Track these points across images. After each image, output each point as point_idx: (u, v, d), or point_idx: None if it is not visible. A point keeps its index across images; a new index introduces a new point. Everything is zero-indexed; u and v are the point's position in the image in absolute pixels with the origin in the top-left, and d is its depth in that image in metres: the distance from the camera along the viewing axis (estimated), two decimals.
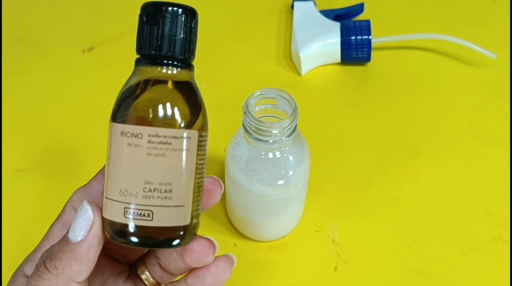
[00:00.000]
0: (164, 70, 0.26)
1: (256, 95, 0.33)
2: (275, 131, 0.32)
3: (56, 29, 0.60)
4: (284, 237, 0.41)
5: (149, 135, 0.24)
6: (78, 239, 0.24)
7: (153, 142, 0.24)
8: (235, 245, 0.41)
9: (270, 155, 0.34)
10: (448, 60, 0.55)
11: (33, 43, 0.58)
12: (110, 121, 0.25)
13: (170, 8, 0.25)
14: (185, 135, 0.25)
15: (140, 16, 0.27)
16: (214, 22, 0.59)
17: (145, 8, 0.27)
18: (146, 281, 0.30)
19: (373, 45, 0.52)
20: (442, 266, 0.39)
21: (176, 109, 0.25)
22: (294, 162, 0.35)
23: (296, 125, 0.33)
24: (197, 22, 0.26)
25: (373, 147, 0.47)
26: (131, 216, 0.24)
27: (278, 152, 0.34)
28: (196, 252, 0.27)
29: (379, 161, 0.46)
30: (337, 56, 0.53)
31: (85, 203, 0.25)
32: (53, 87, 0.54)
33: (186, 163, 0.25)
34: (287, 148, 0.34)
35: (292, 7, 0.57)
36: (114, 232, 0.25)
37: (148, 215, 0.24)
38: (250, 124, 0.32)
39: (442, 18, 0.60)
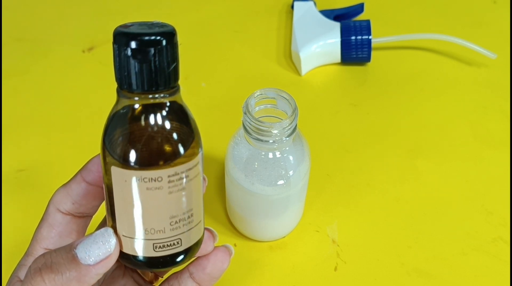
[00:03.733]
0: (161, 105, 0.24)
1: (256, 95, 0.33)
2: (275, 131, 0.32)
3: (56, 29, 0.60)
4: (284, 237, 0.41)
5: (168, 176, 0.24)
6: (89, 262, 0.24)
7: (173, 181, 0.24)
8: (235, 245, 0.41)
9: (270, 155, 0.34)
10: (448, 60, 0.55)
11: (33, 43, 0.58)
12: (112, 164, 0.24)
13: (156, 39, 0.23)
14: (196, 161, 0.25)
15: (119, 48, 0.24)
16: (214, 22, 0.59)
17: (126, 41, 0.24)
18: (144, 274, 0.31)
19: (373, 45, 0.52)
20: (442, 266, 0.39)
21: (186, 142, 0.24)
22: (294, 162, 0.35)
23: (296, 125, 0.33)
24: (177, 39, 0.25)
25: (373, 147, 0.47)
26: (161, 249, 0.25)
27: (278, 152, 0.34)
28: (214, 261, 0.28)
29: (379, 161, 0.46)
30: (337, 56, 0.53)
31: (110, 231, 0.24)
32: (53, 87, 0.54)
33: (200, 184, 0.26)
34: (287, 148, 0.34)
35: (292, 7, 0.57)
36: (143, 264, 0.25)
37: (177, 243, 0.25)
38: (250, 124, 0.32)
39: (442, 18, 0.60)
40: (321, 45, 0.52)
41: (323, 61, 0.54)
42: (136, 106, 0.24)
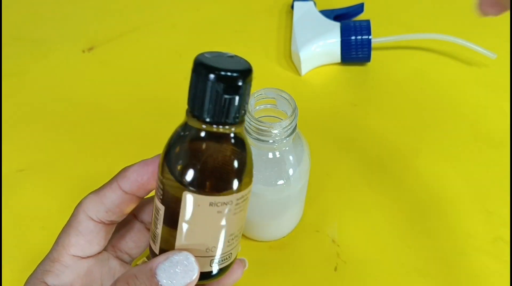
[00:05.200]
0: (232, 135, 0.25)
1: (256, 95, 0.33)
2: (275, 131, 0.32)
3: (56, 29, 0.60)
4: (284, 237, 0.41)
5: (237, 199, 0.25)
6: None
7: (239, 203, 0.26)
8: None
9: (270, 155, 0.34)
10: (448, 60, 0.55)
11: (33, 43, 0.58)
12: (184, 190, 0.24)
13: (238, 76, 0.24)
14: (252, 184, 0.27)
15: (200, 78, 0.24)
16: (214, 22, 0.59)
17: (206, 73, 0.23)
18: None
19: (373, 45, 0.52)
20: (442, 266, 0.39)
21: (251, 168, 0.26)
22: (294, 162, 0.35)
23: (296, 125, 0.33)
24: None
25: (373, 147, 0.47)
26: (216, 264, 0.26)
27: (278, 152, 0.34)
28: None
29: (379, 161, 0.46)
30: (337, 56, 0.53)
31: (192, 260, 0.24)
32: (53, 87, 0.54)
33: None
34: (287, 148, 0.34)
35: (292, 7, 0.57)
36: (201, 278, 0.26)
37: (229, 257, 0.27)
38: (250, 124, 0.32)
39: (442, 18, 0.60)
40: (321, 45, 0.52)
41: (323, 61, 0.54)
42: (211, 134, 0.24)
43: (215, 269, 0.27)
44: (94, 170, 0.46)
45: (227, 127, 0.24)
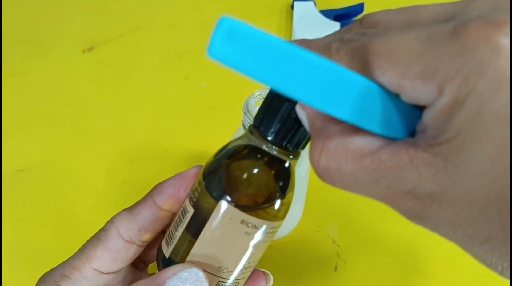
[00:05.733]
0: (287, 164, 0.24)
1: (256, 95, 0.33)
2: None
3: (56, 29, 0.60)
4: (284, 237, 0.41)
5: (266, 227, 0.25)
6: None
7: (267, 232, 0.25)
8: None
9: None
10: None
11: (33, 43, 0.58)
12: (222, 198, 0.24)
13: None
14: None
15: (281, 98, 0.22)
16: (214, 22, 0.59)
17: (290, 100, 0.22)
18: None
19: None
20: (442, 266, 0.39)
21: (290, 203, 0.26)
22: None
23: None
24: None
25: None
26: None
27: None
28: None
29: None
30: None
31: (201, 276, 0.24)
32: (53, 87, 0.54)
33: None
34: None
35: (292, 7, 0.57)
36: None
37: (236, 285, 0.26)
38: (250, 124, 0.32)
39: None
40: None
41: None
42: (269, 155, 0.24)
43: None
44: (94, 170, 0.46)
45: (287, 152, 0.24)
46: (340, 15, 0.56)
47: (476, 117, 0.14)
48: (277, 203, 0.25)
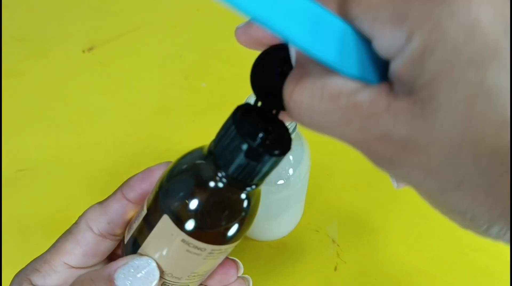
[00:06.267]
0: (244, 195, 0.24)
1: None
2: None
3: (56, 29, 0.60)
4: (284, 237, 0.41)
5: (212, 250, 0.24)
6: None
7: (213, 253, 0.24)
8: None
9: None
10: None
11: (33, 43, 0.58)
12: (167, 213, 0.23)
13: (274, 154, 0.22)
14: (237, 243, 0.25)
15: (236, 137, 0.22)
16: (214, 22, 0.59)
17: (243, 138, 0.21)
18: None
19: None
20: (442, 266, 0.39)
21: (243, 231, 0.25)
22: (294, 162, 0.35)
23: (296, 125, 0.33)
24: None
25: None
26: None
27: None
28: (220, 273, 0.28)
29: None
30: None
31: (154, 266, 0.24)
32: (53, 87, 0.54)
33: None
34: None
35: None
36: None
37: None
38: None
39: None
40: None
41: None
42: (223, 185, 0.23)
43: None
44: (94, 170, 0.46)
45: (239, 185, 0.23)
46: None
47: (450, 62, 0.14)
48: (223, 232, 0.24)
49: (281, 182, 0.35)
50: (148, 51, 0.57)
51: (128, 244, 0.26)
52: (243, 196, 0.24)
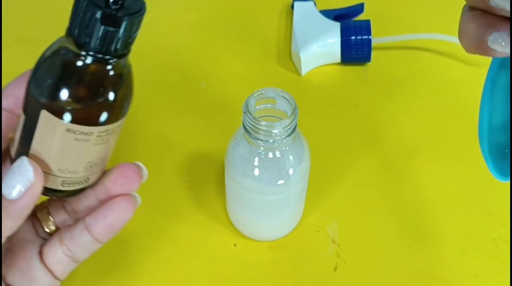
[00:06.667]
0: (111, 67, 0.24)
1: (256, 94, 0.33)
2: (275, 131, 0.32)
3: (56, 29, 0.59)
4: (284, 237, 0.41)
5: (99, 132, 0.25)
6: (13, 196, 0.23)
7: (101, 136, 0.25)
8: (235, 245, 0.41)
9: (270, 154, 0.34)
10: (448, 60, 0.55)
11: (33, 43, 0.58)
12: (43, 107, 0.24)
13: (126, 15, 0.23)
14: (124, 120, 0.26)
15: (92, 10, 0.23)
16: (214, 22, 0.59)
17: (94, 6, 0.23)
18: (46, 226, 0.30)
19: (373, 45, 0.52)
20: (442, 266, 0.39)
21: (123, 104, 0.26)
22: (294, 162, 0.35)
23: (296, 124, 0.33)
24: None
25: (373, 147, 0.47)
26: (68, 186, 0.26)
27: (278, 152, 0.34)
28: (124, 176, 0.28)
29: (379, 161, 0.46)
30: (337, 56, 0.53)
31: (26, 161, 0.24)
32: None
33: (118, 136, 0.27)
34: (287, 148, 0.34)
35: (292, 7, 0.57)
36: (48, 193, 0.26)
37: (85, 181, 0.27)
38: (250, 123, 0.32)
39: (442, 18, 0.60)
40: (321, 45, 0.52)
41: (323, 61, 0.54)
42: (88, 61, 0.24)
43: (66, 188, 0.26)
44: None
45: (105, 57, 0.24)
46: (340, 15, 0.56)
47: None
48: (103, 109, 0.24)
49: (281, 182, 0.35)
50: (148, 51, 0.57)
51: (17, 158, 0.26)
52: (110, 68, 0.24)
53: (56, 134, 0.24)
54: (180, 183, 0.44)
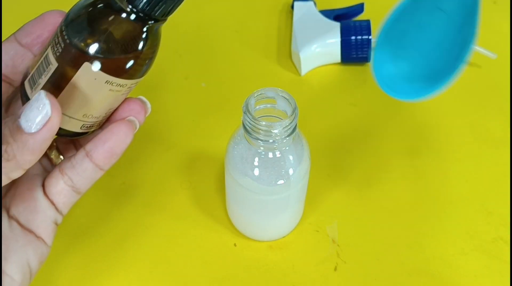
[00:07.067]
0: (156, 28, 0.27)
1: (256, 94, 0.33)
2: (275, 131, 0.32)
3: None
4: (284, 237, 0.41)
5: (131, 84, 0.27)
6: (32, 130, 0.24)
7: (131, 87, 0.27)
8: (235, 245, 0.41)
9: (270, 154, 0.34)
10: None
11: None
12: (87, 60, 0.25)
13: None
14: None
15: None
16: (214, 22, 0.59)
17: None
18: (55, 158, 0.31)
19: (373, 45, 0.52)
20: (442, 266, 0.39)
21: (152, 63, 0.28)
22: (294, 162, 0.35)
23: (296, 124, 0.33)
24: None
25: (373, 147, 0.47)
26: (86, 129, 0.28)
27: (278, 152, 0.34)
28: (130, 110, 0.29)
29: (379, 161, 0.46)
30: (337, 56, 0.53)
31: (43, 96, 0.24)
32: None
33: None
34: (287, 148, 0.34)
35: (292, 7, 0.57)
36: (65, 135, 0.28)
37: (100, 124, 0.29)
38: (250, 123, 0.32)
39: None
40: (321, 45, 0.52)
41: (323, 61, 0.54)
42: (136, 18, 0.25)
43: (83, 131, 0.28)
44: None
45: (152, 18, 0.25)
46: (340, 15, 0.56)
47: None
48: (144, 65, 0.27)
49: (281, 182, 0.35)
50: None
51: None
52: (155, 28, 0.26)
53: (93, 84, 0.25)
54: (180, 183, 0.44)
